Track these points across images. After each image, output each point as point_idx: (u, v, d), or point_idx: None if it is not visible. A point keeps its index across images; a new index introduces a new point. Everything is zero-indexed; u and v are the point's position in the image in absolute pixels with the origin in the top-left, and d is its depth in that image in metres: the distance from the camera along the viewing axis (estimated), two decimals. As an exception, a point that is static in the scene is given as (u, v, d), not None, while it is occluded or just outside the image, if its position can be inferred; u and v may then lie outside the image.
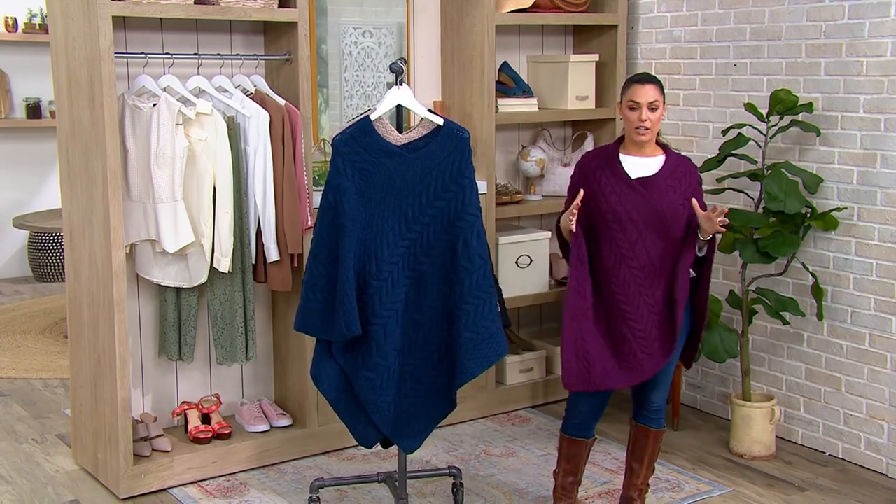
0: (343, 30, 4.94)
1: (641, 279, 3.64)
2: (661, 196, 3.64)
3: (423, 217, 3.53)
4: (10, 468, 4.47)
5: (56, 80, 4.28)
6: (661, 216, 3.62)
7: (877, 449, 4.41)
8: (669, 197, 3.65)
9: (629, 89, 3.66)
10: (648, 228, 3.63)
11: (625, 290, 3.64)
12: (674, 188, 3.67)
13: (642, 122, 3.62)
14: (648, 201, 3.63)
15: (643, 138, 3.65)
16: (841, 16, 4.39)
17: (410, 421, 3.60)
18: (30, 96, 8.10)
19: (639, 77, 3.69)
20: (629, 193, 3.64)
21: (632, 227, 3.63)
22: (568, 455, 3.82)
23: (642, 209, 3.62)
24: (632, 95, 3.64)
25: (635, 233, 3.63)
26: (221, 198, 4.13)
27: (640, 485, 3.87)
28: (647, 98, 3.61)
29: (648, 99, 3.61)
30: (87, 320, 4.23)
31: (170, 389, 4.53)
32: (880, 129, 4.30)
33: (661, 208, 3.62)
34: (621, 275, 3.64)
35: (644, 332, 3.64)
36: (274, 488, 4.22)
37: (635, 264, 3.64)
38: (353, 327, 3.45)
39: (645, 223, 3.62)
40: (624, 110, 3.67)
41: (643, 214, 3.62)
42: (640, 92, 3.62)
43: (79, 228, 4.22)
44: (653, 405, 3.79)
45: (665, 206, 3.63)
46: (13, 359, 6.08)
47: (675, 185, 3.67)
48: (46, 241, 7.97)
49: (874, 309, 4.38)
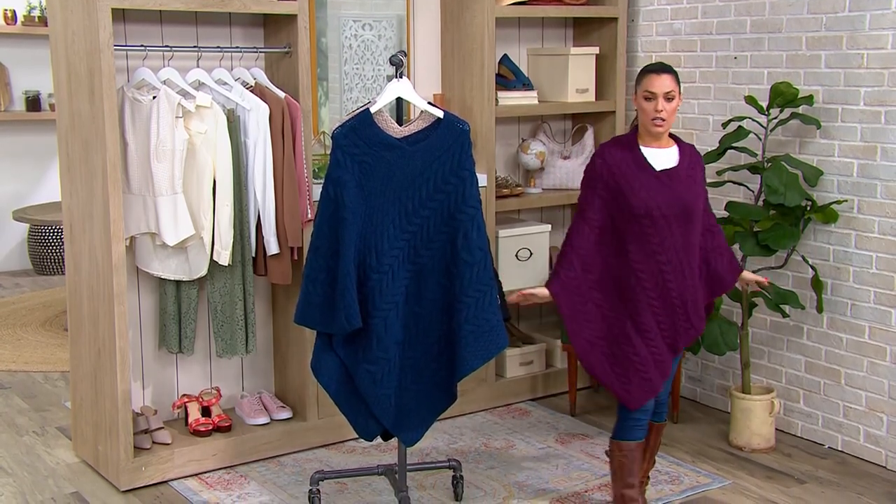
0: (343, 22, 4.93)
1: (669, 273, 3.60)
2: (686, 188, 3.61)
3: (424, 210, 3.52)
4: (11, 460, 4.47)
5: (55, 72, 4.27)
6: (686, 208, 3.59)
7: (876, 441, 4.41)
8: (692, 188, 3.62)
9: (644, 79, 3.58)
10: (677, 221, 3.58)
11: (654, 285, 3.60)
12: (693, 178, 3.65)
13: (658, 113, 3.55)
14: (676, 193, 3.58)
15: (659, 129, 3.58)
16: (842, 8, 4.38)
17: (411, 413, 3.60)
18: (29, 89, 8.09)
19: (654, 67, 3.60)
20: (657, 187, 3.58)
21: (663, 222, 3.57)
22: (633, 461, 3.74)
23: (671, 202, 3.58)
24: (647, 86, 3.56)
25: (666, 227, 3.58)
26: (221, 191, 4.12)
27: (640, 477, 3.86)
28: (664, 88, 3.54)
29: (664, 89, 3.54)
30: (87, 313, 4.23)
31: (170, 382, 4.53)
32: (881, 122, 4.29)
33: (686, 200, 3.59)
34: (650, 269, 3.59)
35: (670, 326, 3.64)
36: (274, 481, 4.22)
37: (664, 258, 3.59)
38: (353, 320, 3.44)
39: (675, 217, 3.58)
40: (639, 101, 3.60)
41: (672, 208, 3.57)
42: (656, 82, 3.55)
43: (79, 221, 4.21)
44: (658, 399, 3.79)
45: (689, 197, 3.60)
46: (14, 351, 6.08)
47: (692, 175, 3.65)
48: (46, 233, 7.97)
49: (874, 301, 4.37)
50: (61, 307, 6.86)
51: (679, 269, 3.60)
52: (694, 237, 3.64)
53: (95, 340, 4.17)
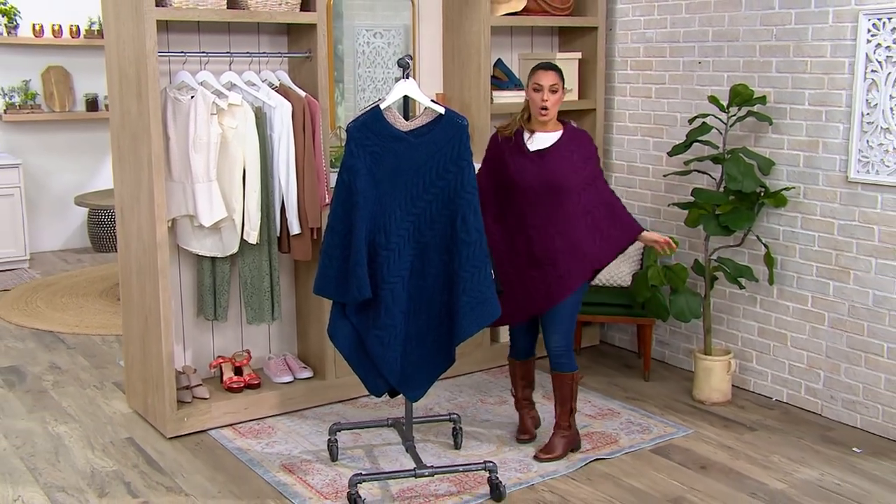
0: (356, 31, 4.88)
1: (534, 234, 3.71)
2: (555, 164, 3.70)
3: (427, 194, 3.47)
4: (77, 409, 4.49)
5: (109, 77, 4.24)
6: (553, 182, 3.68)
7: (814, 394, 4.40)
8: (562, 165, 3.70)
9: (534, 74, 3.72)
10: (545, 192, 3.69)
11: (525, 244, 3.73)
12: (568, 157, 3.72)
13: (544, 102, 3.69)
14: (542, 170, 3.69)
15: (544, 118, 3.72)
16: (789, 21, 4.34)
17: (415, 373, 3.56)
18: (89, 92, 8.06)
19: (542, 64, 3.75)
20: (527, 164, 3.71)
21: (530, 193, 3.70)
22: (521, 374, 4.01)
23: (538, 177, 3.69)
24: (536, 79, 3.71)
25: (532, 197, 3.70)
26: (250, 178, 4.09)
27: (557, 420, 3.90)
28: (549, 81, 3.69)
29: (550, 82, 3.69)
30: (135, 285, 4.20)
31: (207, 345, 4.50)
32: (822, 120, 4.26)
33: (554, 175, 3.69)
34: (524, 232, 3.73)
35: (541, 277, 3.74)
36: (297, 431, 4.20)
37: (528, 223, 3.72)
38: (364, 291, 3.41)
39: (542, 188, 3.69)
40: (529, 92, 3.73)
41: (539, 182, 3.69)
42: (542, 76, 3.70)
43: (128, 205, 4.19)
44: (552, 349, 3.81)
45: (557, 173, 3.69)
46: (76, 317, 6.07)
47: (568, 154, 3.73)
48: (103, 216, 7.95)
49: (816, 275, 4.34)
50: (116, 280, 6.84)
51: (547, 232, 3.70)
52: (569, 204, 3.70)
53: (143, 308, 4.14)
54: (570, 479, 3.74)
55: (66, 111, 7.95)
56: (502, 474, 3.74)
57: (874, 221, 4.10)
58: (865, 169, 4.10)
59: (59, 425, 4.30)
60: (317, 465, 3.85)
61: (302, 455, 3.95)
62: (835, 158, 4.22)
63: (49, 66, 7.90)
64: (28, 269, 7.45)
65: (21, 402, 4.59)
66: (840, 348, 4.28)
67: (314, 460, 3.90)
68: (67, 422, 4.34)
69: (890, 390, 4.12)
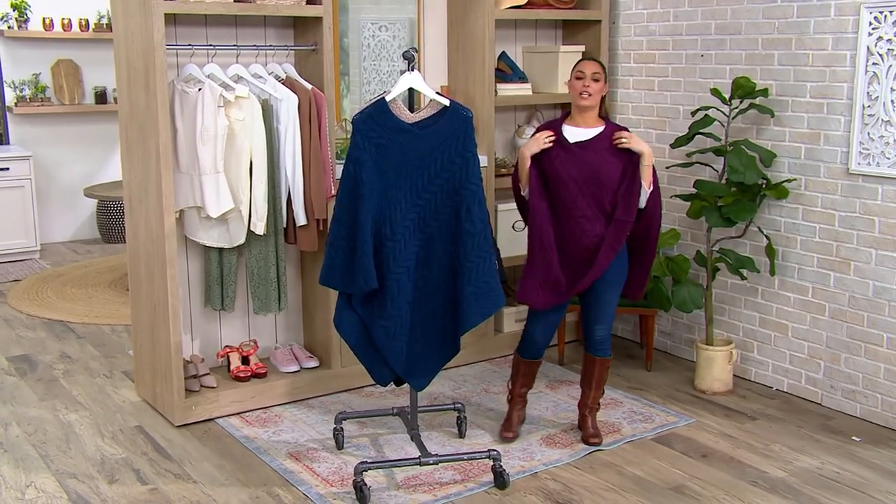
0: (362, 24, 4.86)
1: (584, 224, 3.71)
2: (596, 156, 3.71)
3: (432, 186, 3.46)
4: (87, 397, 4.49)
5: (118, 69, 4.23)
6: (595, 173, 3.69)
7: (814, 383, 4.39)
8: (604, 157, 3.71)
9: (577, 65, 3.78)
10: (587, 184, 3.70)
11: (570, 232, 3.73)
12: (609, 150, 3.73)
13: (586, 88, 3.71)
14: (583, 160, 3.70)
15: (584, 101, 3.72)
16: (791, 14, 4.31)
17: (420, 363, 3.55)
18: (98, 85, 8.06)
19: (586, 57, 3.85)
20: (567, 156, 3.72)
21: (572, 185, 3.71)
22: (525, 372, 3.99)
23: (580, 168, 3.70)
24: (579, 68, 3.76)
25: (575, 189, 3.70)
26: (257, 170, 4.08)
27: (590, 404, 3.94)
28: (592, 70, 3.73)
29: (592, 70, 3.73)
30: (144, 275, 4.19)
31: (214, 335, 4.50)
32: (823, 112, 4.23)
33: (594, 166, 3.69)
34: (569, 223, 3.74)
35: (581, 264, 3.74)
36: (304, 419, 4.19)
37: (578, 213, 3.72)
38: (370, 282, 3.40)
39: (584, 180, 3.70)
40: (572, 82, 3.77)
41: (581, 173, 3.70)
42: (585, 65, 3.75)
43: (136, 196, 4.18)
44: (597, 336, 3.84)
45: (598, 164, 3.70)
46: (86, 307, 6.08)
47: (610, 147, 3.73)
48: (112, 208, 7.95)
49: (817, 266, 4.32)
50: (124, 270, 6.84)
51: (594, 221, 3.71)
52: (611, 196, 3.72)
53: (151, 298, 4.14)
54: (572, 468, 3.73)
55: (76, 104, 7.95)
56: (506, 462, 3.74)
57: (875, 213, 4.08)
58: (866, 161, 4.08)
59: (69, 413, 4.30)
60: (323, 454, 3.85)
61: (308, 443, 3.95)
62: (836, 150, 4.20)
63: (59, 59, 7.90)
64: (38, 259, 7.46)
65: (32, 391, 4.59)
66: (840, 338, 4.27)
67: (320, 448, 3.90)
68: (78, 410, 4.34)
69: (889, 380, 4.10)
